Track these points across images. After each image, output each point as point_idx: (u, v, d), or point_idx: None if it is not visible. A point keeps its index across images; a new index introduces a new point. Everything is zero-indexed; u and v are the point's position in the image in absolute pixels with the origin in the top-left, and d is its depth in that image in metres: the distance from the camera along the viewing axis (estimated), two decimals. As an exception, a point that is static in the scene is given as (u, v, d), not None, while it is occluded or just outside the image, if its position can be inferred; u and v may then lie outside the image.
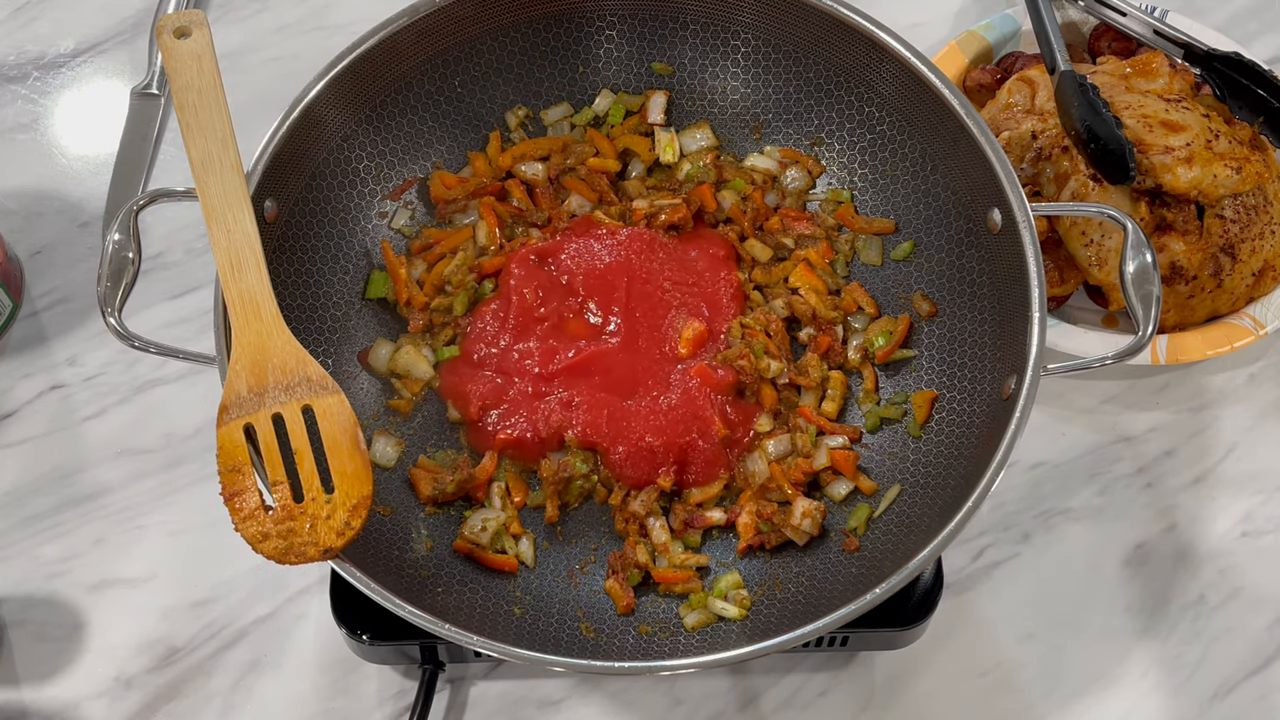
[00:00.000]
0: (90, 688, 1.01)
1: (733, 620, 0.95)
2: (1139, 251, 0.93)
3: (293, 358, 0.88)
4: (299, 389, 0.87)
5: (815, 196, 1.10)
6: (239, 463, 0.85)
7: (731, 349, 1.02)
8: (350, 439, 0.86)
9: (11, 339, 1.14)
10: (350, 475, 0.85)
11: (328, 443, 0.86)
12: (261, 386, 0.87)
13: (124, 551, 1.06)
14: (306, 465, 0.85)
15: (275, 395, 0.86)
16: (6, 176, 1.21)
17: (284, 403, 0.86)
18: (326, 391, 0.87)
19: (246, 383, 0.87)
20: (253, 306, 0.89)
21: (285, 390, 0.87)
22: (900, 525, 0.96)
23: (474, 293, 1.05)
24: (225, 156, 0.91)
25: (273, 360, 0.88)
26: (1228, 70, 1.13)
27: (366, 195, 1.05)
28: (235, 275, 0.89)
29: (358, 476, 0.85)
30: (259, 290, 0.89)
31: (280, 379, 0.87)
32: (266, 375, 0.87)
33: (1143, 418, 1.13)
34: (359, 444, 0.86)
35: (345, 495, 0.84)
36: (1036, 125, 1.12)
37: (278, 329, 0.89)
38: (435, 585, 0.95)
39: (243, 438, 0.85)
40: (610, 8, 1.07)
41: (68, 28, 1.28)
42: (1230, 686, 1.03)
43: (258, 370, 0.87)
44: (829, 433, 1.02)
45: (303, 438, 0.85)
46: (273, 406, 0.86)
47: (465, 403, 1.01)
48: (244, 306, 0.89)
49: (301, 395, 0.86)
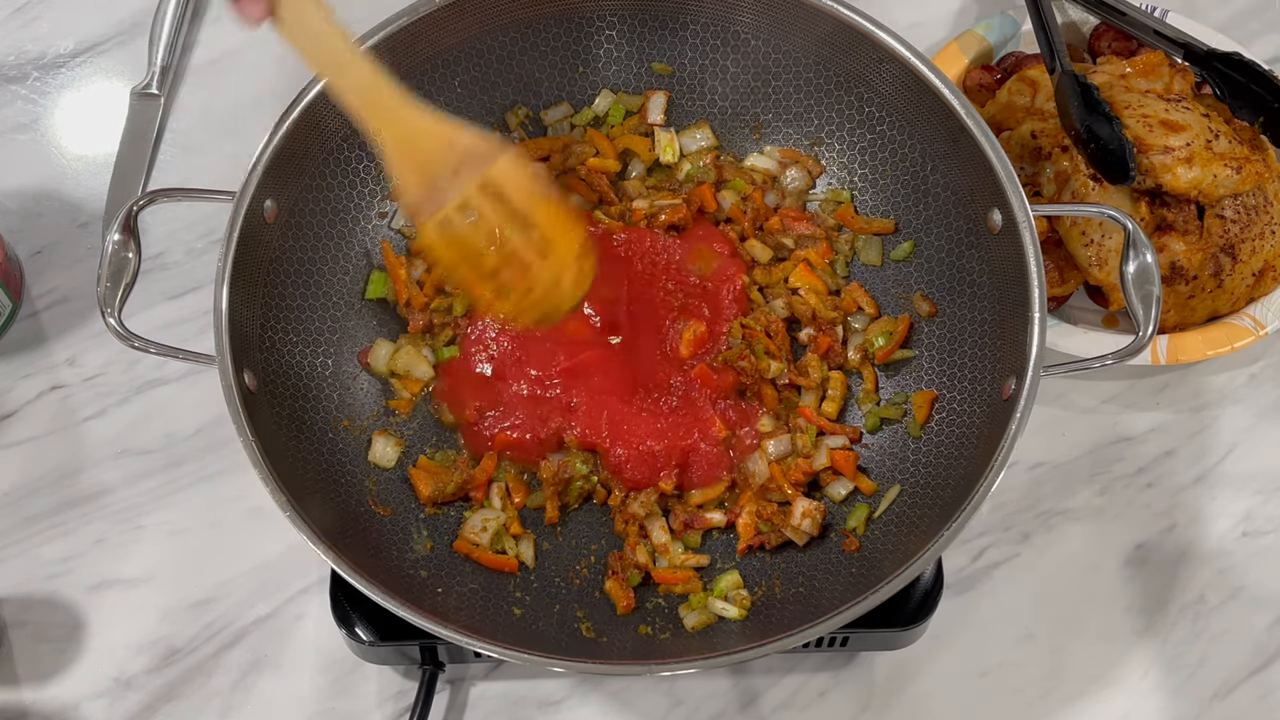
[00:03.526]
0: (90, 688, 1.01)
1: (733, 620, 0.95)
2: (1139, 251, 0.93)
3: (441, 137, 0.83)
4: (465, 168, 0.82)
5: (815, 196, 1.10)
6: (454, 260, 0.83)
7: (732, 349, 1.02)
8: (538, 192, 0.82)
9: (11, 339, 1.14)
10: (556, 225, 0.83)
11: (520, 207, 0.82)
12: (430, 180, 0.82)
13: (124, 551, 1.06)
14: (514, 239, 0.82)
15: (449, 184, 0.82)
16: (6, 176, 1.21)
17: (461, 190, 0.82)
18: (491, 156, 0.82)
19: (414, 186, 0.83)
20: (372, 95, 0.82)
21: (454, 175, 0.82)
22: (900, 525, 0.96)
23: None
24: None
25: (424, 147, 0.82)
26: (1228, 70, 1.13)
27: (366, 195, 1.05)
28: (337, 73, 0.82)
29: (563, 223, 0.83)
30: (369, 75, 0.82)
31: (443, 165, 0.82)
32: (428, 166, 0.82)
33: (1143, 418, 1.13)
34: (546, 191, 0.82)
35: (565, 249, 0.83)
36: (1036, 125, 1.12)
37: (410, 110, 0.83)
38: (435, 585, 0.95)
39: (445, 238, 0.83)
40: (610, 8, 1.07)
41: (68, 28, 1.28)
42: (1230, 686, 1.03)
43: (416, 164, 0.82)
44: (829, 433, 1.02)
45: (497, 214, 0.82)
46: (453, 199, 0.82)
47: (461, 405, 1.01)
48: (362, 99, 0.82)
49: (471, 173, 0.82)
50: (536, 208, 0.83)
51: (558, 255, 0.83)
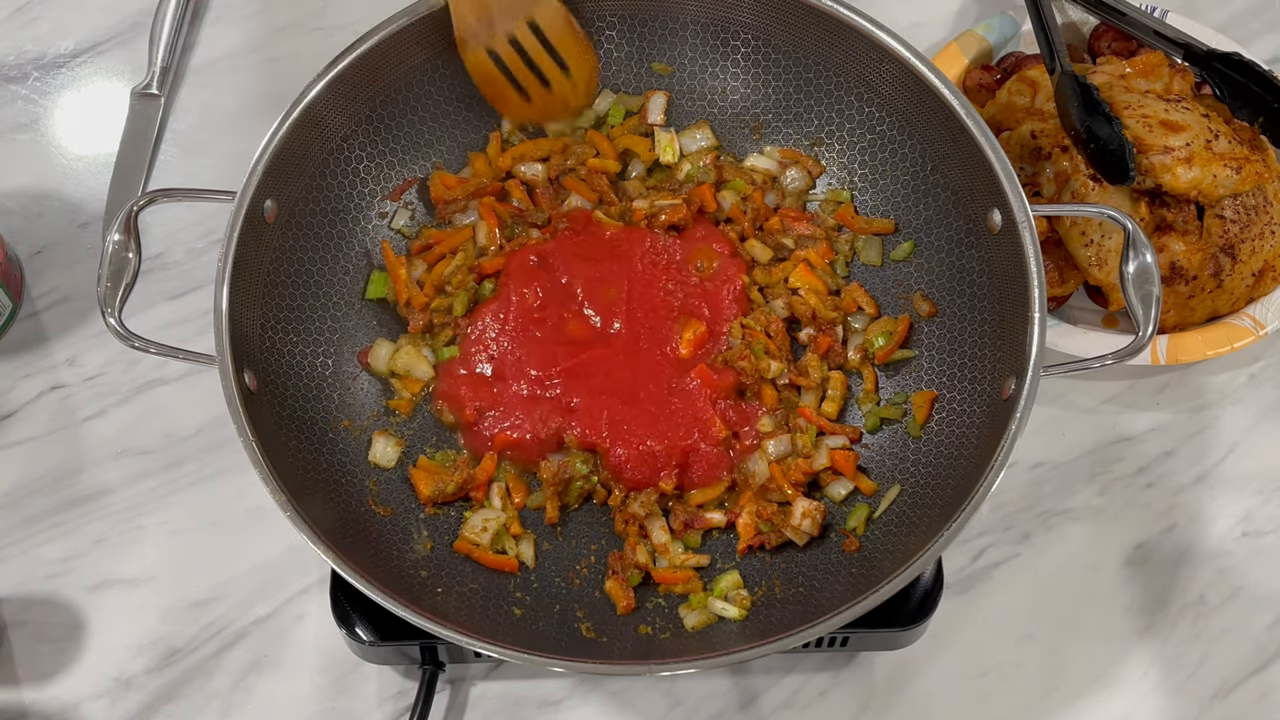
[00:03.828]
0: (90, 688, 1.01)
1: (733, 620, 0.95)
2: (1139, 251, 0.93)
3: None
4: (518, 8, 1.00)
5: (815, 197, 1.10)
6: (492, 75, 1.02)
7: (732, 350, 1.02)
8: (570, 30, 1.02)
9: (11, 339, 1.14)
10: (578, 56, 1.03)
11: (555, 40, 1.02)
12: (488, 14, 1.00)
13: (124, 551, 1.06)
14: (546, 62, 1.02)
15: (502, 20, 1.00)
16: (6, 176, 1.21)
17: (511, 24, 1.01)
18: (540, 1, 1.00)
19: (473, 13, 1.00)
20: None
21: (507, 12, 1.00)
22: (900, 525, 0.96)
23: (474, 293, 1.05)
24: None
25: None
26: (1228, 70, 1.13)
27: (366, 195, 1.05)
28: None
29: (584, 56, 1.04)
30: None
31: (500, 3, 1.00)
32: (488, 3, 1.00)
33: (1143, 418, 1.13)
34: (577, 30, 1.03)
35: (579, 71, 1.03)
36: (1036, 125, 1.12)
37: None
38: (435, 585, 0.95)
39: (489, 59, 1.01)
40: (610, 8, 1.07)
41: (68, 28, 1.28)
42: (1230, 686, 1.03)
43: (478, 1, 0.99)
44: (829, 433, 1.02)
45: (537, 46, 1.02)
46: (504, 29, 1.01)
47: (460, 405, 1.01)
48: None
49: (522, 12, 1.01)
50: (566, 41, 1.02)
51: (574, 74, 1.04)
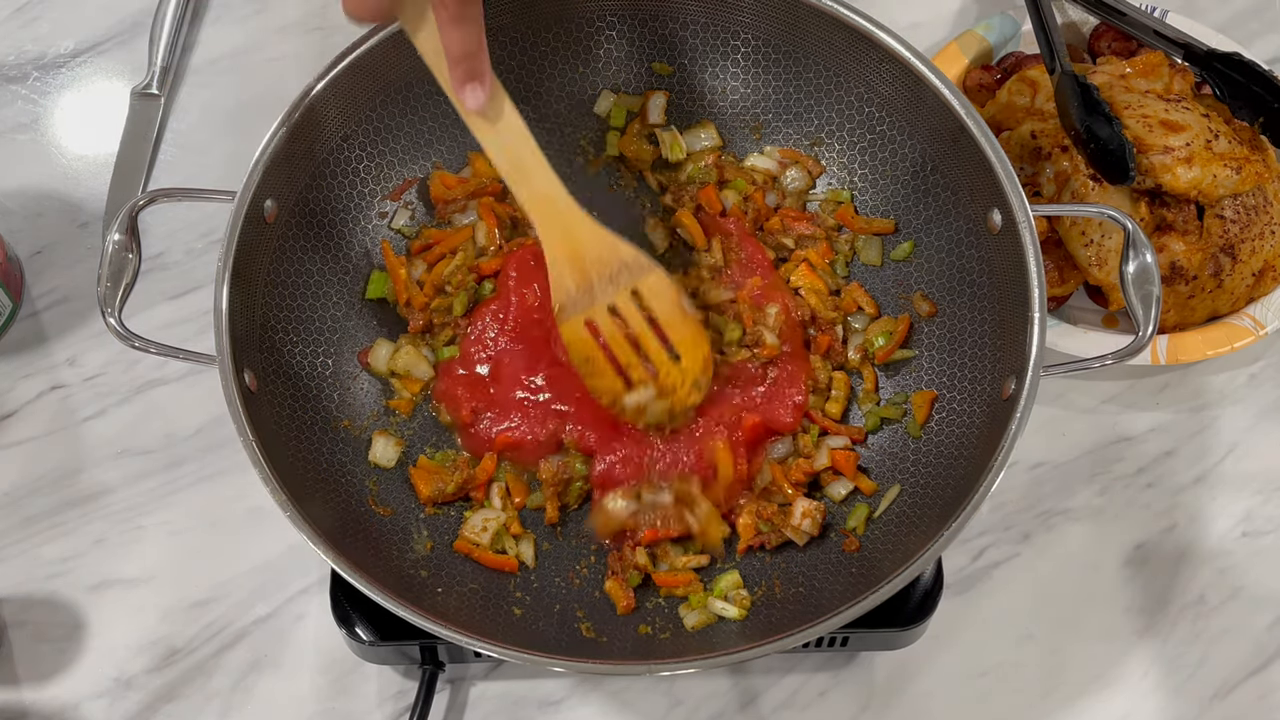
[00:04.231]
0: (90, 688, 1.01)
1: (733, 620, 0.95)
2: (1139, 251, 0.93)
3: (605, 246, 0.93)
4: (621, 276, 0.93)
5: (815, 197, 1.10)
6: (591, 353, 0.94)
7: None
8: (679, 309, 0.94)
9: (11, 339, 1.14)
10: (689, 340, 0.95)
11: (662, 318, 0.94)
12: (587, 281, 0.93)
13: (124, 551, 1.06)
14: (652, 344, 0.94)
15: (603, 288, 0.93)
16: (6, 176, 1.21)
17: (613, 293, 0.93)
18: (645, 270, 0.94)
19: (573, 280, 0.93)
20: (549, 204, 0.92)
21: (610, 280, 0.93)
22: (900, 525, 0.96)
23: (474, 293, 1.05)
24: None
25: (587, 253, 0.93)
26: (1228, 70, 1.13)
27: (366, 195, 1.05)
28: (522, 179, 0.91)
29: (695, 340, 0.95)
30: (549, 185, 0.92)
31: (601, 270, 0.93)
32: (587, 269, 0.93)
33: (1143, 418, 1.13)
34: (687, 310, 0.95)
35: (691, 359, 0.95)
36: (1036, 125, 1.12)
37: (580, 220, 0.92)
38: (435, 585, 0.95)
39: (587, 332, 0.94)
40: (610, 8, 1.07)
41: (68, 28, 1.28)
42: (1230, 686, 1.03)
43: (577, 266, 0.93)
44: (832, 433, 1.02)
45: (640, 321, 0.94)
46: (605, 299, 0.93)
47: (457, 406, 1.01)
48: (541, 207, 0.92)
49: (625, 281, 0.93)
50: (675, 322, 0.95)
51: (685, 366, 0.95)
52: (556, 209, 0.92)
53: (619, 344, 0.94)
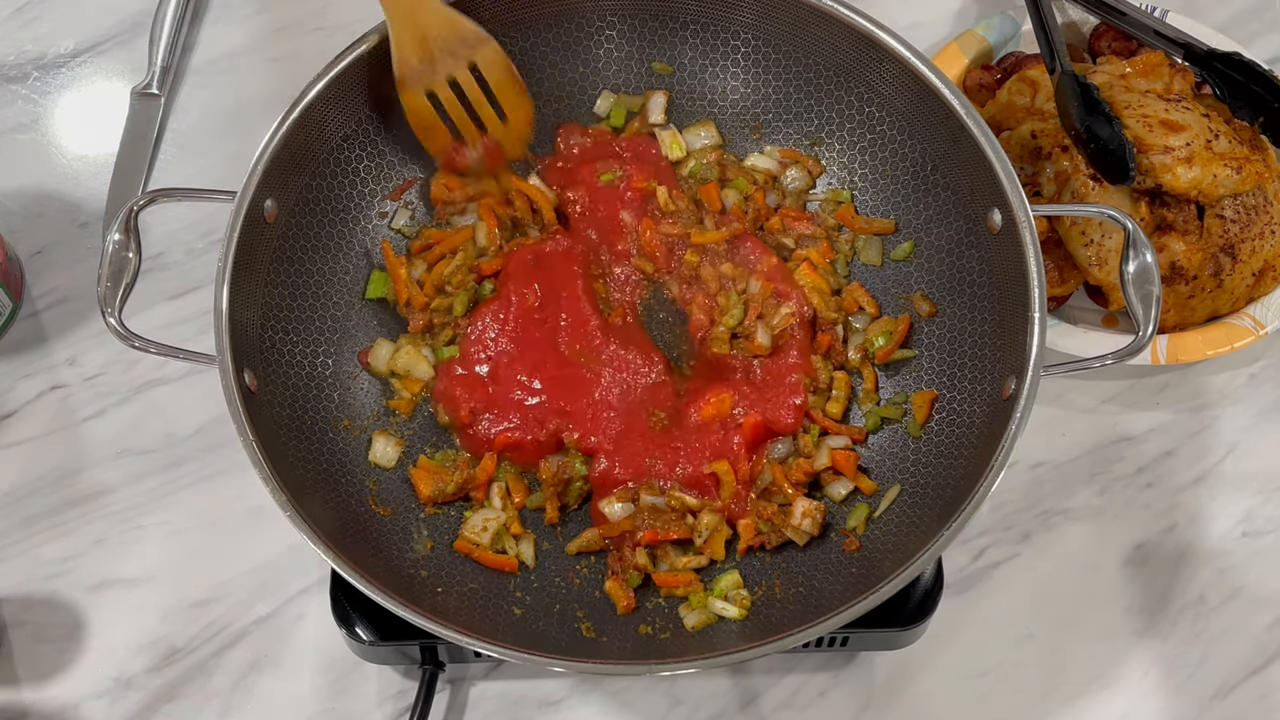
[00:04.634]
0: (90, 688, 1.01)
1: (733, 620, 0.95)
2: (1139, 251, 0.93)
3: (445, 23, 0.99)
4: (460, 50, 1.00)
5: (815, 196, 1.10)
6: (430, 121, 1.02)
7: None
8: (510, 76, 1.02)
9: (11, 339, 1.14)
10: (515, 103, 1.03)
11: (495, 87, 1.02)
12: (429, 55, 0.99)
13: (124, 551, 1.06)
14: (485, 109, 1.02)
15: (444, 61, 1.00)
16: (6, 176, 1.21)
17: (454, 66, 1.00)
18: (482, 44, 1.01)
19: (415, 54, 0.99)
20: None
21: (450, 55, 1.00)
22: (900, 525, 0.96)
23: (474, 293, 1.05)
24: None
25: (430, 30, 0.99)
26: (1228, 70, 1.13)
27: (366, 195, 1.05)
28: None
29: (522, 103, 1.04)
30: None
31: (442, 45, 0.99)
32: (430, 45, 0.99)
33: (1143, 418, 1.13)
34: (516, 76, 1.03)
35: (517, 119, 1.04)
36: (1036, 125, 1.12)
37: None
38: (435, 585, 0.95)
39: (427, 102, 1.01)
40: (610, 8, 1.07)
41: (68, 28, 1.28)
42: (1230, 686, 1.03)
43: (419, 42, 0.99)
44: (833, 433, 1.02)
45: (476, 90, 1.01)
46: (446, 72, 1.00)
47: (456, 406, 1.01)
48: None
49: (464, 55, 1.00)
50: (505, 88, 1.03)
51: (512, 121, 1.04)
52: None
53: (455, 110, 1.01)
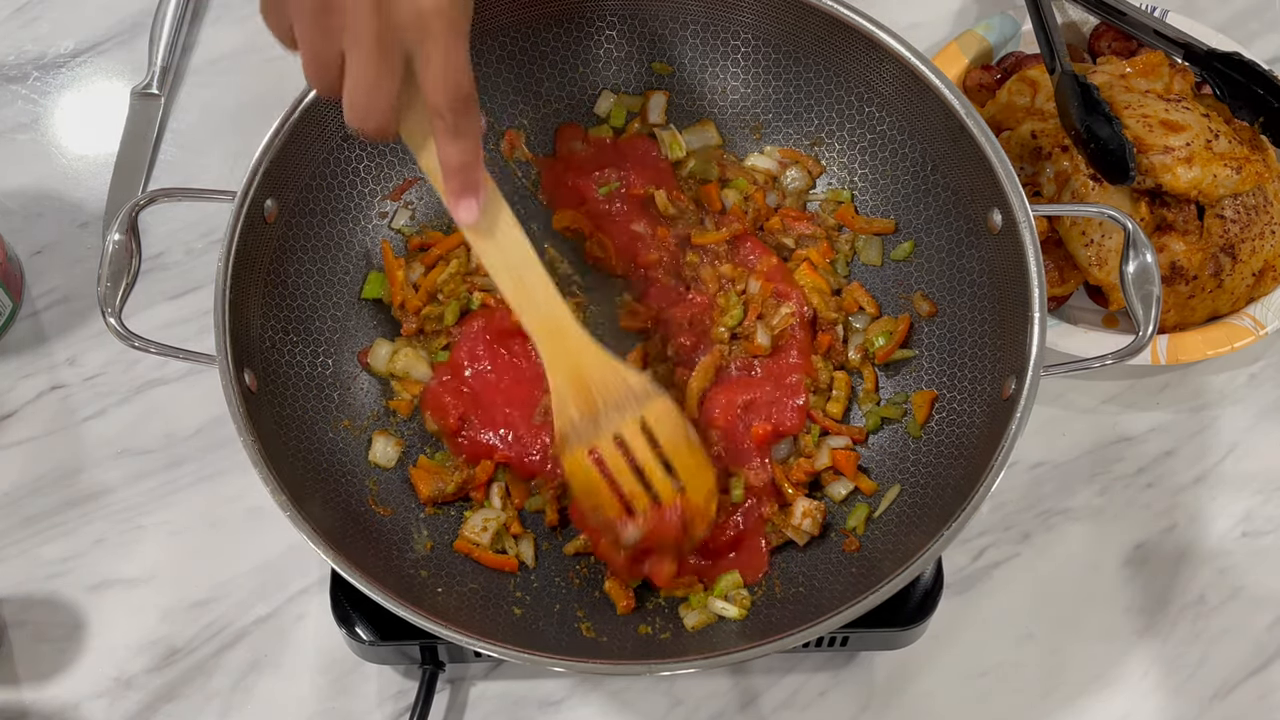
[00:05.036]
0: (90, 688, 1.01)
1: (733, 620, 0.95)
2: (1139, 251, 0.93)
3: (611, 373, 0.90)
4: (628, 405, 0.90)
5: (815, 196, 1.10)
6: (595, 485, 0.90)
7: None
8: (686, 437, 0.90)
9: (11, 339, 1.14)
10: (695, 469, 0.90)
11: (668, 447, 0.90)
12: (593, 410, 0.89)
13: (124, 551, 1.06)
14: (657, 474, 0.89)
15: (609, 416, 0.89)
16: (6, 176, 1.21)
17: (619, 422, 0.89)
18: (651, 398, 0.90)
19: (577, 409, 0.89)
20: (555, 330, 0.89)
21: (616, 409, 0.89)
22: (900, 525, 0.96)
23: (465, 302, 1.04)
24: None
25: (593, 380, 0.90)
26: (1228, 70, 1.13)
27: (366, 195, 1.05)
28: (527, 301, 0.88)
29: (701, 469, 0.91)
30: (555, 309, 0.89)
31: (607, 397, 0.89)
32: (593, 396, 0.89)
33: (1143, 418, 1.13)
34: (694, 439, 0.91)
35: (695, 489, 0.90)
36: (1036, 125, 1.12)
37: (587, 347, 0.90)
38: (435, 585, 0.95)
39: (591, 463, 0.90)
40: (610, 8, 1.07)
41: (68, 28, 1.28)
42: (1230, 686, 1.03)
43: (582, 394, 0.89)
44: (833, 433, 1.02)
45: (646, 450, 0.89)
46: (611, 428, 0.89)
47: (444, 413, 1.00)
48: (547, 332, 0.89)
49: (632, 410, 0.90)
50: (681, 450, 0.91)
51: (691, 498, 0.90)
52: (563, 334, 0.90)
53: (624, 474, 0.90)
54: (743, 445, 0.99)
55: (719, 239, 1.05)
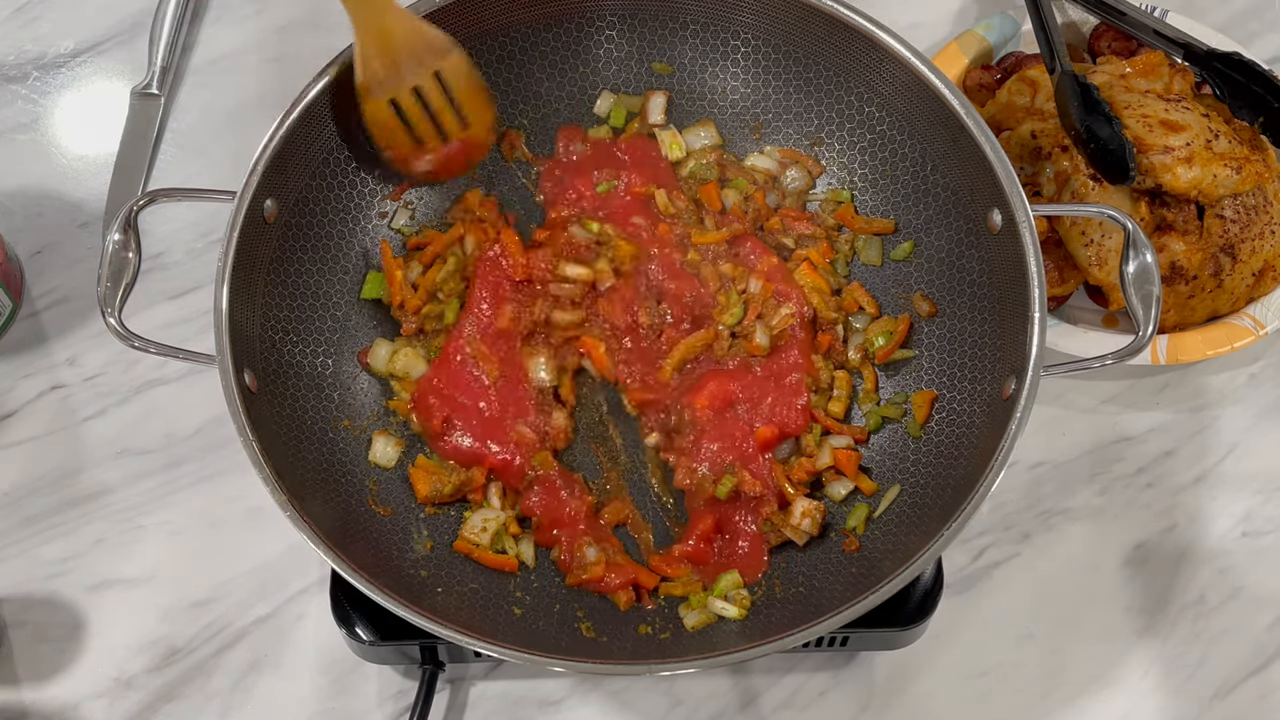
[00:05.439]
0: (90, 688, 1.01)
1: (733, 620, 0.95)
2: (1139, 251, 0.93)
3: (412, 31, 0.97)
4: (427, 58, 0.97)
5: (815, 196, 1.10)
6: (392, 127, 0.99)
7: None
8: (474, 83, 1.00)
9: (11, 339, 1.14)
10: (479, 110, 1.01)
11: (459, 95, 0.99)
12: (394, 64, 0.96)
13: (124, 551, 1.06)
14: (448, 116, 0.99)
15: (410, 69, 0.97)
16: (6, 176, 1.21)
17: (419, 74, 0.97)
18: (448, 51, 0.98)
19: (380, 64, 0.96)
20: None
21: (417, 62, 0.97)
22: (900, 525, 0.96)
23: (464, 300, 1.04)
24: None
25: (395, 37, 0.96)
26: (1228, 70, 1.13)
27: (366, 195, 1.05)
28: None
29: (484, 110, 1.01)
30: None
31: (408, 54, 0.97)
32: (396, 52, 0.96)
33: (1143, 418, 1.13)
34: (482, 84, 1.00)
35: (478, 126, 1.01)
36: (1036, 125, 1.12)
37: (390, 6, 0.95)
38: (435, 585, 0.95)
39: (390, 110, 0.98)
40: (610, 8, 1.07)
41: (68, 28, 1.28)
42: (1230, 686, 1.03)
43: (385, 50, 0.96)
44: (835, 433, 1.02)
45: (440, 98, 0.99)
46: (411, 80, 0.97)
47: (429, 415, 1.00)
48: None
49: (430, 63, 0.98)
50: (469, 94, 1.00)
51: (474, 127, 1.02)
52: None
53: (418, 118, 0.99)
54: (747, 446, 0.99)
55: (719, 239, 1.05)
